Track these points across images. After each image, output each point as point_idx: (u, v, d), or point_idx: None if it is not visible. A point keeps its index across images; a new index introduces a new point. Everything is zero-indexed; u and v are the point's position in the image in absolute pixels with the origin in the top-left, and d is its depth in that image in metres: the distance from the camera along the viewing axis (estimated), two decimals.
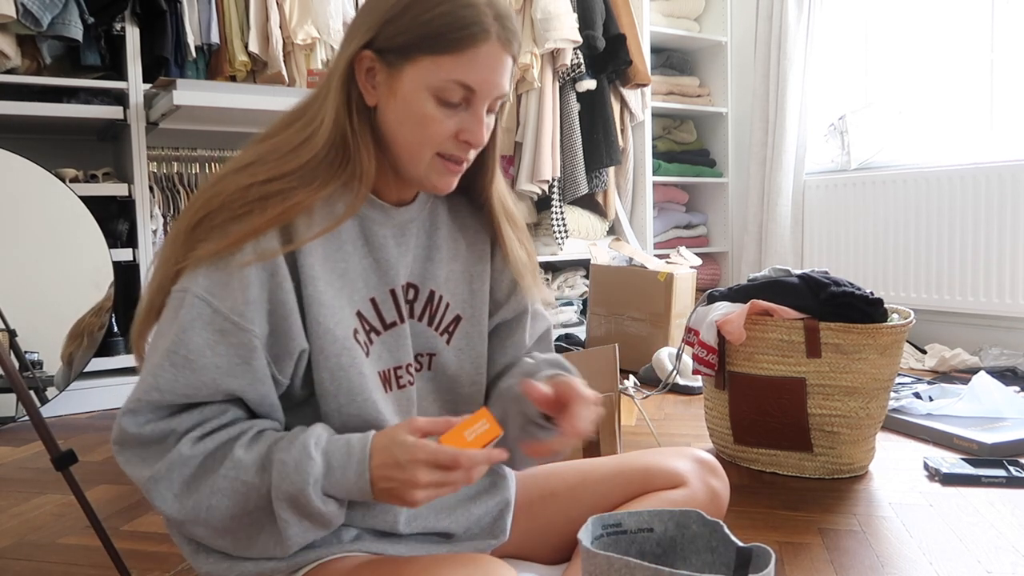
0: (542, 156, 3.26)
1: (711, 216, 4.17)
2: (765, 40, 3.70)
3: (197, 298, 0.79)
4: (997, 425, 1.99)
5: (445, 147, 0.86)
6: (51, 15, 2.33)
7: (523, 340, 1.03)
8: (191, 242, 0.82)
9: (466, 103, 0.85)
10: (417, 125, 0.84)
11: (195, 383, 0.79)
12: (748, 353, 1.77)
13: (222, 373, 0.79)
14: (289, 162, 0.84)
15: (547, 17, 3.18)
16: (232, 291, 0.79)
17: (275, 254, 0.81)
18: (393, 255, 0.91)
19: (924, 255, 3.21)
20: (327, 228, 0.85)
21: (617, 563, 0.75)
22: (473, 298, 0.98)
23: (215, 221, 0.82)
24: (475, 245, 1.00)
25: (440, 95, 0.83)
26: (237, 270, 0.80)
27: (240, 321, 0.79)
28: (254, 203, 0.81)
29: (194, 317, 0.79)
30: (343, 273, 0.87)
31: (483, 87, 0.84)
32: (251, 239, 0.81)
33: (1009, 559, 1.31)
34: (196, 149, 2.84)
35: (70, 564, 1.37)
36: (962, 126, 3.20)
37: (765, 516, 1.53)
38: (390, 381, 0.91)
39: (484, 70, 0.83)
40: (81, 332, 2.43)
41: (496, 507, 0.99)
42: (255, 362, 0.81)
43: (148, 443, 0.80)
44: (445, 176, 0.88)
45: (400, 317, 0.92)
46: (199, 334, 0.79)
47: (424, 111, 0.84)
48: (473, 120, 0.85)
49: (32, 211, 2.40)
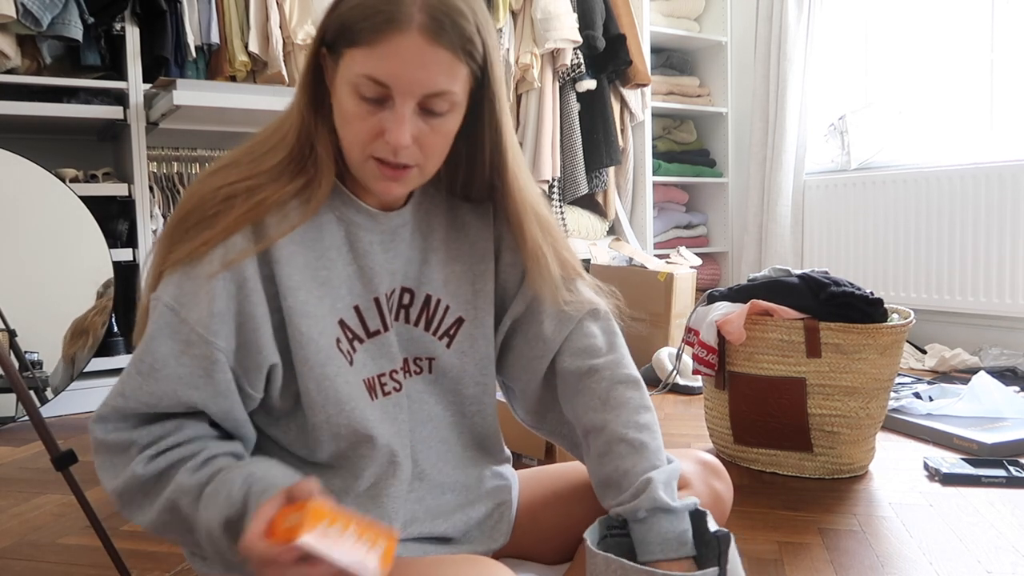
0: (542, 156, 3.26)
1: (711, 216, 4.17)
2: (765, 40, 3.70)
3: (166, 307, 0.79)
4: (997, 425, 1.99)
5: (374, 148, 0.81)
6: (51, 15, 2.33)
7: (543, 332, 0.98)
8: (170, 245, 0.82)
9: (389, 100, 0.78)
10: (343, 123, 0.81)
11: (158, 392, 0.78)
12: (748, 353, 1.77)
13: (184, 384, 0.78)
14: (261, 163, 0.83)
15: (547, 17, 3.18)
16: (199, 302, 0.78)
17: (245, 254, 0.80)
18: (379, 262, 0.89)
19: (924, 255, 3.21)
20: (295, 224, 0.83)
21: (613, 564, 0.76)
22: (476, 298, 0.96)
23: (189, 223, 0.81)
24: (477, 244, 0.97)
25: (357, 91, 0.78)
26: (205, 281, 0.79)
27: (204, 334, 0.78)
28: (221, 203, 0.81)
29: (161, 326, 0.79)
30: (325, 281, 0.85)
31: (398, 83, 0.77)
32: (220, 240, 0.79)
33: (1009, 559, 1.31)
34: (196, 149, 2.84)
35: (70, 564, 1.37)
36: (962, 126, 3.20)
37: (765, 516, 1.53)
38: (375, 389, 0.89)
39: (398, 64, 0.76)
40: (85, 330, 2.43)
41: (496, 511, 0.98)
42: (217, 375, 0.79)
43: (114, 451, 0.80)
44: (381, 180, 0.82)
45: (384, 325, 0.90)
46: (165, 343, 0.78)
47: (347, 107, 0.80)
48: (392, 119, 0.78)
49: (32, 211, 2.40)
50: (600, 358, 0.97)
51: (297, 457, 0.89)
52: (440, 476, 0.94)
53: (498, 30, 3.20)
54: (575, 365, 0.96)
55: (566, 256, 0.99)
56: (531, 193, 0.94)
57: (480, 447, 1.00)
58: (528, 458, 1.78)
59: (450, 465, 0.96)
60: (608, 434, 0.92)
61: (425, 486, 0.93)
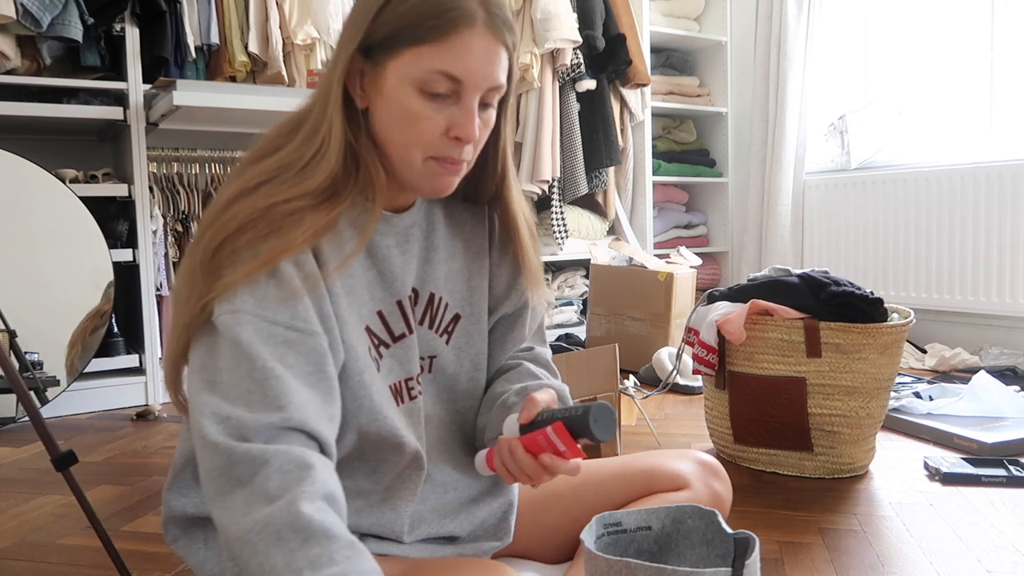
0: (542, 156, 3.26)
1: (711, 216, 4.17)
2: (765, 40, 3.70)
3: (250, 315, 0.73)
4: (997, 424, 1.99)
5: (436, 147, 0.81)
6: (51, 16, 2.33)
7: (523, 335, 1.03)
8: (214, 271, 0.76)
9: (455, 96, 0.79)
10: (404, 123, 0.80)
11: (284, 391, 0.72)
12: (748, 353, 1.77)
13: (299, 382, 0.73)
14: (307, 180, 0.79)
15: (547, 17, 3.18)
16: (283, 301, 0.75)
17: (320, 277, 0.78)
18: (398, 265, 0.89)
19: (924, 255, 3.21)
20: (359, 246, 0.81)
21: (616, 565, 0.76)
22: (472, 295, 0.97)
23: (237, 244, 0.76)
24: (472, 242, 0.98)
25: (425, 88, 0.78)
26: (286, 280, 0.75)
27: (304, 326, 0.75)
28: (282, 220, 0.76)
29: (251, 334, 0.73)
30: (351, 289, 0.84)
31: (470, 77, 0.78)
32: (285, 256, 0.76)
33: (1009, 558, 1.31)
34: (196, 149, 2.84)
35: (70, 564, 1.37)
36: (962, 126, 3.20)
37: (765, 516, 1.53)
38: (401, 394, 0.89)
39: (469, 58, 0.77)
40: (74, 342, 2.43)
41: (499, 509, 0.98)
42: (328, 368, 0.76)
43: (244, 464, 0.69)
44: (442, 177, 0.83)
45: (409, 328, 0.90)
46: (263, 350, 0.72)
47: (410, 107, 0.79)
48: (463, 114, 0.79)
49: (32, 212, 2.40)
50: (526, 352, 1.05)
51: None
52: (442, 475, 0.95)
53: None
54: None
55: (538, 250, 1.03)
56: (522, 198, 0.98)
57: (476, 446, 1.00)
58: None
59: (450, 464, 0.96)
60: (491, 391, 0.98)
61: (429, 486, 0.93)
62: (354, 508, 0.87)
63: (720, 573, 0.74)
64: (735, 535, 0.82)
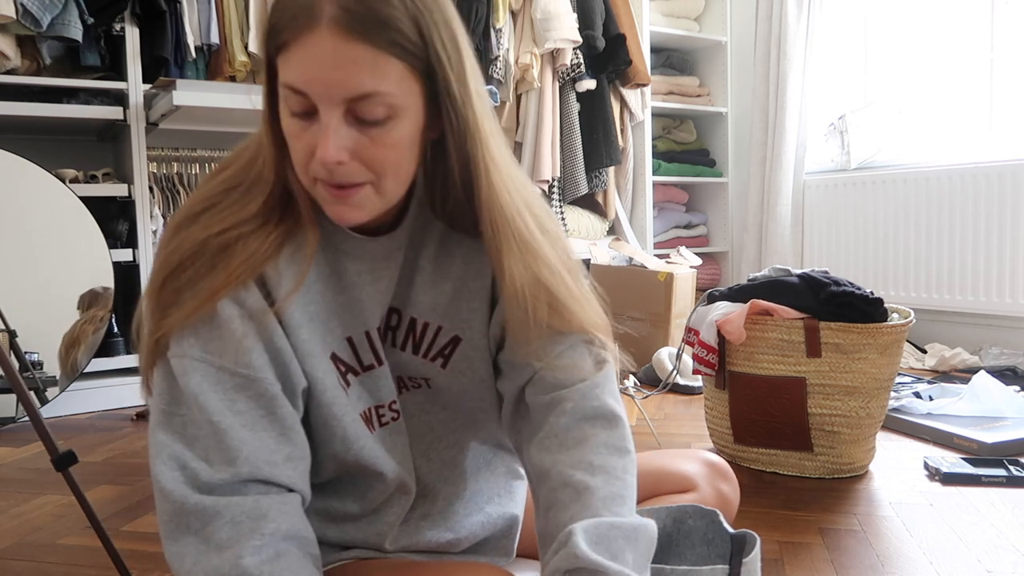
0: (542, 156, 3.26)
1: (711, 216, 4.17)
2: (765, 40, 3.70)
3: (196, 360, 0.72)
4: (997, 424, 1.99)
5: (314, 170, 0.71)
6: (51, 15, 2.33)
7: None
8: (161, 308, 0.74)
9: (316, 112, 0.69)
10: (288, 145, 0.73)
11: (232, 445, 0.72)
12: (748, 353, 1.77)
13: (248, 430, 0.72)
14: (244, 208, 0.75)
15: (547, 17, 3.18)
16: (227, 344, 0.73)
17: (266, 313, 0.74)
18: (367, 294, 0.81)
19: (924, 255, 3.21)
20: (302, 274, 0.76)
21: None
22: (472, 317, 0.86)
23: (179, 282, 0.74)
24: (471, 260, 0.85)
25: (287, 105, 0.70)
26: (227, 322, 0.73)
27: (248, 372, 0.73)
28: (215, 256, 0.73)
29: (199, 381, 0.72)
30: (313, 316, 0.79)
31: (313, 88, 0.67)
32: (224, 293, 0.73)
33: (1009, 558, 1.31)
34: (196, 149, 2.84)
35: (70, 564, 1.37)
36: (962, 126, 3.20)
37: (765, 516, 1.53)
38: (371, 421, 0.85)
39: (311, 66, 0.66)
40: (76, 339, 2.43)
41: (504, 524, 0.95)
42: (279, 410, 0.74)
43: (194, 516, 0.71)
44: (332, 205, 0.73)
45: (378, 360, 0.84)
46: (212, 398, 0.72)
47: (285, 127, 0.72)
48: (319, 132, 0.69)
49: (32, 211, 2.40)
50: (568, 387, 0.81)
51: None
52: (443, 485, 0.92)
53: (498, 30, 3.20)
54: (539, 399, 0.82)
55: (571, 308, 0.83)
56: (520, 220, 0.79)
57: (484, 460, 0.97)
58: None
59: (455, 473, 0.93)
60: (553, 479, 0.77)
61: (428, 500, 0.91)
62: (341, 529, 0.86)
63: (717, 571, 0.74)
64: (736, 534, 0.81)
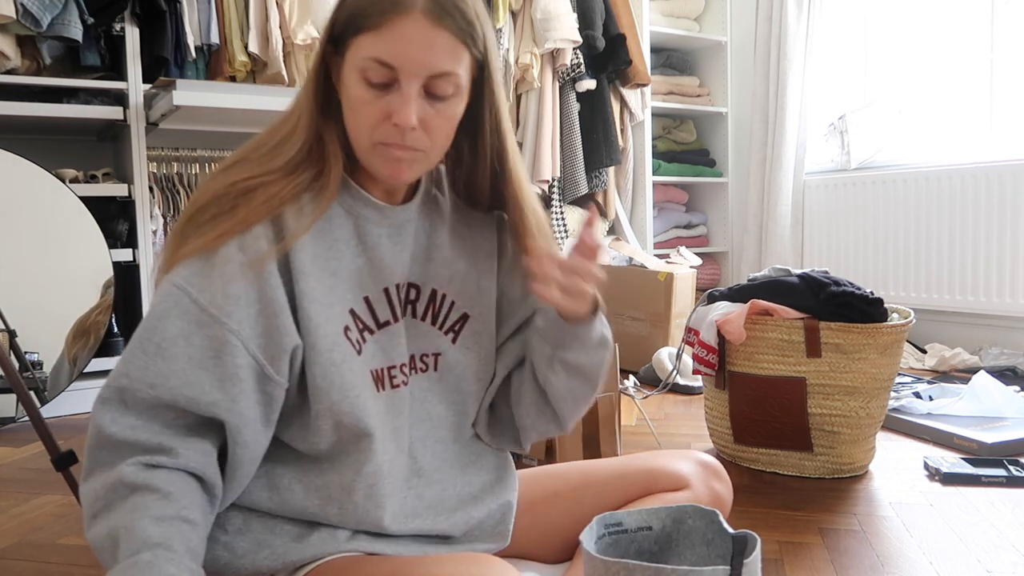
0: (542, 156, 3.26)
1: (711, 216, 4.17)
2: (765, 40, 3.70)
3: (176, 287, 0.79)
4: (997, 425, 1.99)
5: (380, 133, 0.83)
6: (51, 15, 2.33)
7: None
8: (182, 240, 0.82)
9: (395, 83, 0.81)
10: (351, 110, 0.84)
11: (164, 371, 0.77)
12: (748, 353, 1.77)
13: (193, 364, 0.78)
14: (273, 160, 0.84)
15: (547, 17, 3.18)
16: (212, 283, 0.79)
17: (268, 255, 0.81)
18: (388, 254, 0.90)
19: (924, 255, 3.21)
20: (314, 218, 0.85)
21: (614, 567, 0.75)
22: (481, 295, 0.97)
23: (202, 218, 0.82)
24: (480, 242, 0.98)
25: (364, 76, 0.81)
26: (221, 263, 0.80)
27: (217, 314, 0.78)
28: (238, 197, 0.82)
29: (171, 305, 0.79)
30: (335, 271, 0.86)
31: (403, 63, 0.80)
32: (237, 232, 0.81)
33: (1009, 558, 1.31)
34: (196, 149, 2.84)
35: (70, 564, 1.37)
36: (962, 126, 3.20)
37: (765, 516, 1.53)
38: (383, 380, 0.90)
39: (403, 45, 0.79)
40: (87, 330, 2.43)
41: (498, 510, 0.98)
42: (226, 358, 0.79)
43: (107, 446, 0.78)
44: (388, 163, 0.84)
45: (394, 316, 0.91)
46: (174, 323, 0.78)
47: (354, 94, 0.82)
48: (400, 100, 0.81)
49: (32, 211, 2.40)
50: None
51: (296, 452, 0.89)
52: (439, 474, 0.94)
53: (498, 30, 3.20)
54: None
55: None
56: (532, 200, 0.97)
57: (480, 448, 1.00)
58: (529, 458, 1.78)
59: (448, 464, 0.96)
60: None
61: (424, 482, 0.93)
62: (341, 508, 0.87)
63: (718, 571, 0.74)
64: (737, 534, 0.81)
